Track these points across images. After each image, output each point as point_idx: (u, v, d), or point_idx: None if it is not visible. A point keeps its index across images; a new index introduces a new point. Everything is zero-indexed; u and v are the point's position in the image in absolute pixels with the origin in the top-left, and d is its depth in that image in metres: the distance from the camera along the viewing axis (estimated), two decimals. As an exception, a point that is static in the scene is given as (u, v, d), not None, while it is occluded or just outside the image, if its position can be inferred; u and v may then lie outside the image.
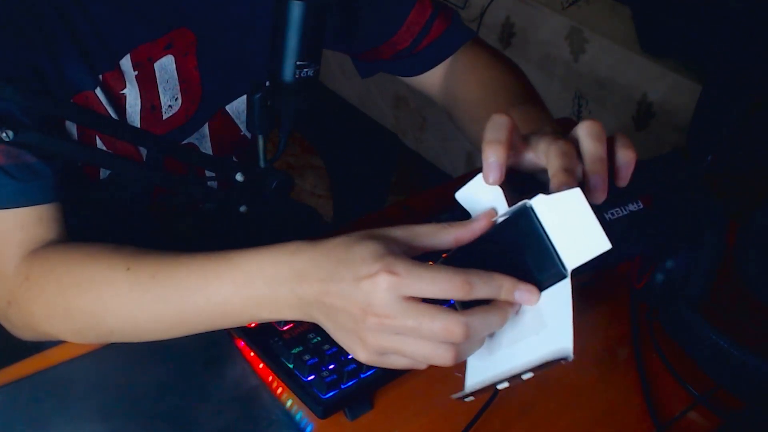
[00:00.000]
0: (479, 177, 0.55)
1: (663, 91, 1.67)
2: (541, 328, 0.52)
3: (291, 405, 0.68)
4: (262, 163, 0.77)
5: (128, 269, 0.62)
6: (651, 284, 0.77)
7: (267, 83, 0.73)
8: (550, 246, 0.51)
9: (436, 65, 0.89)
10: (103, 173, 0.77)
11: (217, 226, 1.00)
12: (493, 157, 0.54)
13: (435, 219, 0.87)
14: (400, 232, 0.53)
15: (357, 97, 2.50)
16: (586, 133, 0.55)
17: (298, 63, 0.70)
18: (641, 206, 0.59)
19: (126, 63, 0.73)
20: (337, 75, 2.48)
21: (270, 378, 0.69)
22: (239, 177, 0.76)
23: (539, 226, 0.51)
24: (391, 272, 0.49)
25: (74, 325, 0.66)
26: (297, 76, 0.71)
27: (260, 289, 0.56)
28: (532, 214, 0.51)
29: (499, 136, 0.54)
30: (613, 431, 0.70)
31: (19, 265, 0.67)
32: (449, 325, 0.49)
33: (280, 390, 0.69)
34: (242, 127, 0.87)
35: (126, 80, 0.73)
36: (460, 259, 0.54)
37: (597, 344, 0.78)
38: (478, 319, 0.50)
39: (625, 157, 0.56)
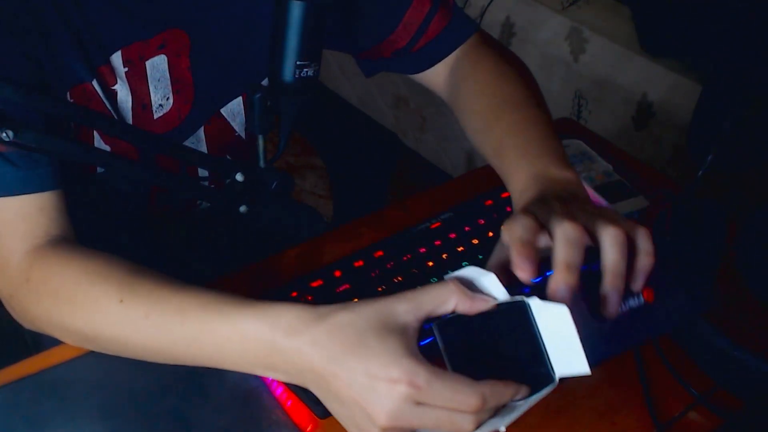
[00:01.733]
0: (473, 268, 0.56)
1: (663, 91, 1.67)
2: None
3: (291, 405, 0.68)
4: (262, 163, 0.77)
5: (121, 301, 0.61)
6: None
7: (267, 83, 0.73)
8: (543, 348, 0.52)
9: (437, 63, 0.88)
10: (101, 168, 0.78)
11: (216, 226, 1.00)
12: (526, 263, 0.55)
13: (435, 219, 0.88)
14: (405, 306, 0.53)
15: (357, 97, 2.49)
16: (611, 242, 0.55)
17: (298, 63, 0.70)
18: (642, 301, 0.59)
19: (117, 59, 0.73)
20: (337, 75, 2.48)
21: (270, 378, 0.69)
22: (239, 177, 0.76)
23: (534, 325, 0.52)
24: (413, 384, 0.49)
25: (69, 337, 0.67)
26: (297, 76, 0.71)
27: (256, 352, 0.56)
28: (529, 312, 0.52)
29: (528, 237, 0.56)
30: (613, 431, 0.70)
31: (22, 261, 0.67)
32: (461, 426, 0.51)
33: (280, 390, 0.69)
34: (237, 128, 0.87)
35: (117, 76, 0.74)
36: (454, 331, 0.55)
37: (597, 344, 0.78)
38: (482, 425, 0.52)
39: (645, 264, 0.57)
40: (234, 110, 0.85)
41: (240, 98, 0.85)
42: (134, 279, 0.63)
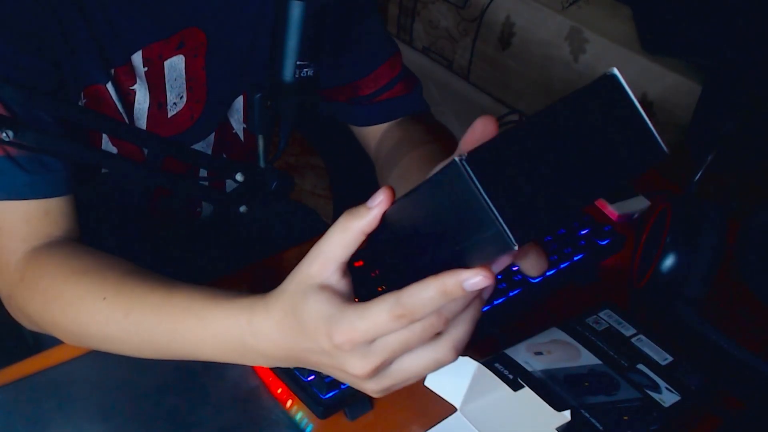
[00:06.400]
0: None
1: (663, 91, 1.67)
2: None
3: (291, 405, 0.68)
4: (262, 163, 0.77)
5: (104, 299, 0.62)
6: (651, 284, 0.77)
7: (267, 83, 0.73)
8: (488, 207, 0.41)
9: (388, 121, 0.91)
10: (104, 168, 0.78)
11: (216, 226, 1.00)
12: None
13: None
14: (316, 267, 0.51)
15: (357, 97, 2.49)
16: None
17: (298, 63, 0.70)
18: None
19: (137, 59, 0.73)
20: (337, 75, 2.48)
21: (270, 378, 0.69)
22: (239, 177, 0.76)
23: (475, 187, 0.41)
24: (352, 340, 0.48)
25: (61, 334, 0.67)
26: (297, 76, 0.71)
27: (230, 350, 0.57)
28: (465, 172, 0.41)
29: None
30: (613, 431, 0.70)
31: (20, 261, 0.67)
32: (423, 333, 0.48)
33: (280, 390, 0.69)
34: (235, 125, 0.87)
35: (136, 76, 0.74)
36: (378, 252, 0.51)
37: (597, 344, 0.78)
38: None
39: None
40: (233, 107, 0.85)
41: (241, 96, 0.85)
42: (120, 277, 0.64)
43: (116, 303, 0.62)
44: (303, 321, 0.51)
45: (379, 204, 0.49)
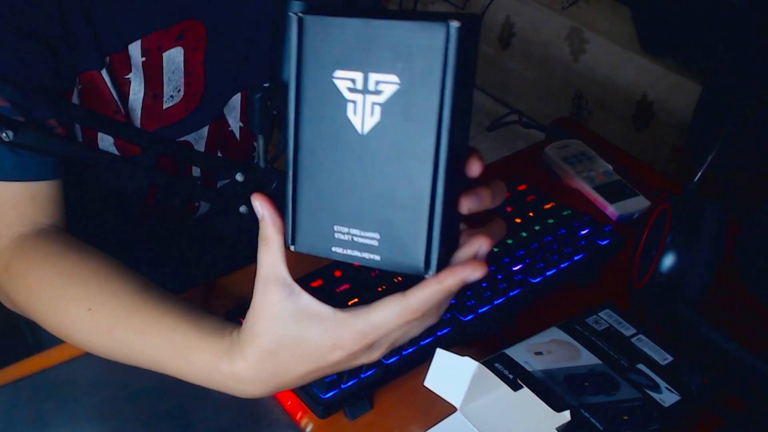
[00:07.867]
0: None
1: (663, 91, 1.67)
2: None
3: (291, 405, 0.68)
4: (262, 163, 0.77)
5: (89, 310, 0.61)
6: (651, 284, 0.77)
7: (267, 83, 0.73)
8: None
9: None
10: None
11: (216, 226, 1.00)
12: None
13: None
14: (270, 297, 0.50)
15: (357, 97, 2.49)
16: None
17: (298, 63, 0.70)
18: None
19: (135, 48, 0.73)
20: (337, 75, 2.48)
21: (270, 378, 0.69)
22: (239, 177, 0.76)
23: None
24: (367, 346, 0.50)
25: (48, 331, 0.67)
26: (297, 77, 0.71)
27: (212, 387, 0.57)
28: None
29: None
30: None
31: (5, 248, 0.67)
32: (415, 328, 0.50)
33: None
34: (231, 123, 0.87)
35: (132, 65, 0.74)
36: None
37: (597, 344, 0.78)
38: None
39: None
40: (231, 104, 0.85)
41: (239, 94, 0.85)
42: (105, 286, 0.63)
43: (100, 317, 0.61)
44: (303, 343, 0.51)
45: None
